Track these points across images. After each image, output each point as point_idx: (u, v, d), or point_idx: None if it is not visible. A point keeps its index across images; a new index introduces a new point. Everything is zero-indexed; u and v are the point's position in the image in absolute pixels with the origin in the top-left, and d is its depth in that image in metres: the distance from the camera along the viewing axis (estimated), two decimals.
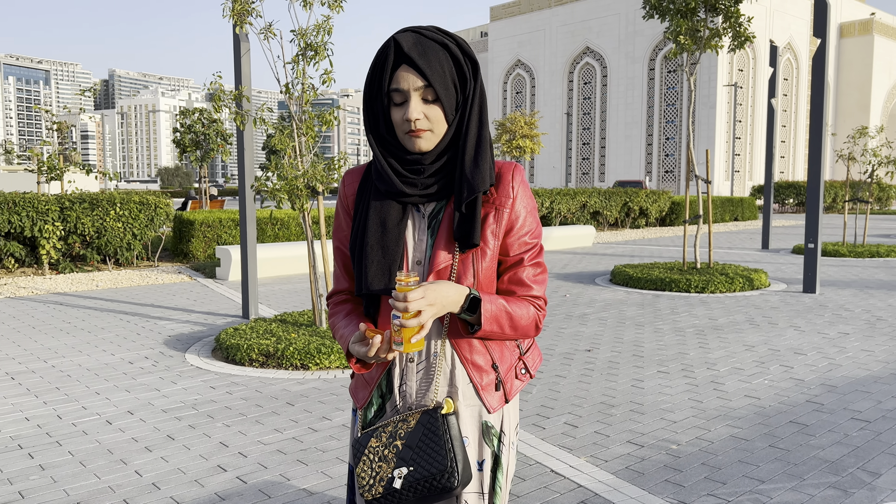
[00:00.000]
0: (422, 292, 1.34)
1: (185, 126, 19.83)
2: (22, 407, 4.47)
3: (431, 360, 1.51)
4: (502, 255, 1.54)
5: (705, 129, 53.44)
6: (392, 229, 1.49)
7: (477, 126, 1.47)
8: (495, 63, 70.22)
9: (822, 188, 8.71)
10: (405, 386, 1.53)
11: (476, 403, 1.54)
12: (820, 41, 8.54)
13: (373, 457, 1.47)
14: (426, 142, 1.44)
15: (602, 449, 3.71)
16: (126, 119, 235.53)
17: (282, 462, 3.55)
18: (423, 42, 1.40)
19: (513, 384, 1.58)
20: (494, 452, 1.56)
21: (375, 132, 1.50)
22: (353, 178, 1.61)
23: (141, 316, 7.59)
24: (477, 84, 1.47)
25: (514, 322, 1.49)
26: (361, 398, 1.60)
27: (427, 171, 1.47)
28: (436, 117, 1.43)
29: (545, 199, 18.84)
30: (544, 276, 1.57)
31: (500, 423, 1.57)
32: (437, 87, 1.40)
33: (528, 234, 1.53)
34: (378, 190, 1.51)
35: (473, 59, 1.47)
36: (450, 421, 1.46)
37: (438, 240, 1.49)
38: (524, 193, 1.54)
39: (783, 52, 59.18)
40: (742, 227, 23.27)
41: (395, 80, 1.41)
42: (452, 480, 1.41)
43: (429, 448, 1.43)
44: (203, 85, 7.43)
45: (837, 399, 4.54)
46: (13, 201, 10.38)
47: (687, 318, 7.36)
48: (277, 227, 13.54)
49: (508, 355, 1.58)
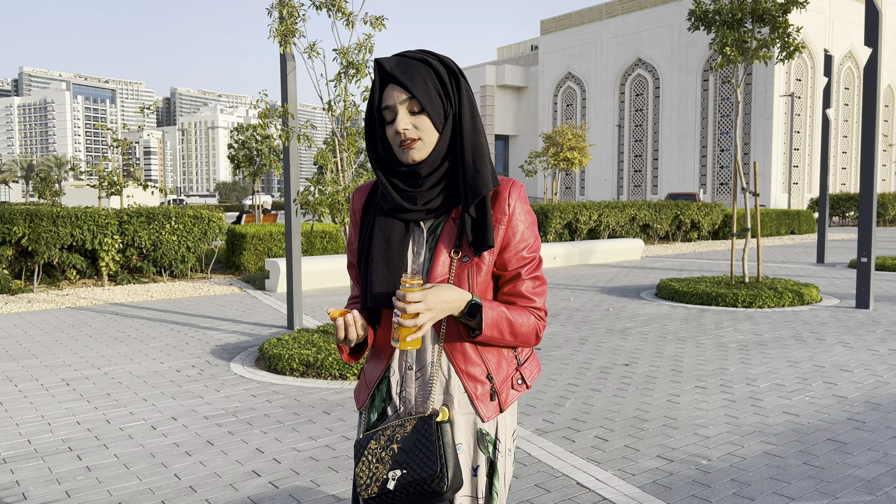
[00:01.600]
0: (421, 296, 1.43)
1: (239, 142, 20.41)
2: (74, 411, 4.70)
3: (428, 368, 1.58)
4: (500, 270, 1.60)
5: (762, 140, 52.21)
6: (396, 246, 1.57)
7: (471, 133, 1.54)
8: (546, 76, 70.07)
9: (875, 200, 8.46)
10: (404, 392, 1.61)
11: (471, 412, 1.59)
12: (872, 50, 8.33)
13: (371, 458, 1.55)
14: (418, 152, 1.52)
15: (630, 463, 3.70)
16: (186, 135, 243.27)
17: (314, 469, 3.65)
18: (404, 61, 1.51)
19: (508, 394, 1.63)
20: (490, 459, 1.62)
21: (375, 154, 1.59)
22: (361, 196, 1.71)
23: (191, 326, 7.86)
24: (462, 92, 1.54)
25: (514, 329, 1.56)
26: (361, 399, 1.69)
27: (426, 184, 1.54)
28: (424, 126, 1.51)
29: (593, 212, 18.71)
30: (544, 288, 1.63)
31: (495, 431, 1.63)
32: (421, 97, 1.49)
33: (525, 249, 1.59)
34: (383, 208, 1.60)
35: (455, 72, 1.55)
36: (443, 428, 1.53)
37: (436, 253, 1.56)
38: (521, 209, 1.59)
39: (844, 61, 57.48)
40: (798, 240, 22.64)
41: (383, 99, 1.52)
42: (441, 485, 1.48)
43: (421, 453, 1.50)
44: (250, 103, 7.69)
45: (881, 417, 4.42)
46: (75, 215, 10.88)
47: (731, 333, 7.24)
48: (326, 240, 13.81)
49: (505, 366, 1.63)
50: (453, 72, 1.55)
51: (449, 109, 1.54)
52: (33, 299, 9.87)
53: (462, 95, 1.54)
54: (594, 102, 65.86)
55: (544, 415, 4.55)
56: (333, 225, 14.03)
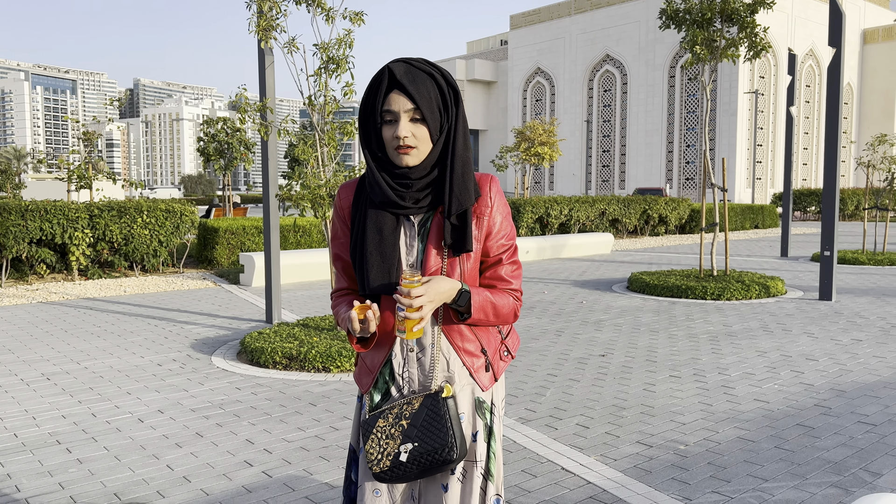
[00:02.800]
0: (424, 289, 1.58)
1: (209, 135, 20.21)
2: (58, 406, 4.70)
3: (429, 349, 1.73)
4: (483, 256, 1.78)
5: (726, 136, 53.17)
6: (388, 237, 1.71)
7: (462, 148, 1.70)
8: (515, 71, 70.37)
9: (838, 196, 8.76)
10: (407, 373, 1.75)
11: (469, 383, 1.77)
12: (835, 51, 8.61)
13: (381, 435, 1.68)
14: (412, 158, 1.65)
15: (612, 448, 3.85)
16: (150, 128, 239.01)
17: (305, 458, 3.73)
18: (412, 71, 1.62)
19: (499, 365, 1.82)
20: (487, 424, 1.79)
21: (369, 147, 1.71)
22: (348, 192, 1.82)
23: (168, 320, 7.84)
24: (459, 110, 1.69)
25: (497, 310, 1.74)
26: (365, 384, 1.82)
27: (415, 186, 1.68)
28: (422, 136, 1.64)
29: (564, 207, 18.95)
30: (520, 272, 1.82)
31: (490, 398, 1.81)
32: (424, 109, 1.62)
33: (504, 237, 1.78)
34: (373, 202, 1.72)
35: (456, 90, 1.69)
36: (449, 403, 1.69)
37: (429, 245, 1.71)
38: (500, 202, 1.77)
39: (805, 59, 58.74)
40: (762, 234, 23.18)
41: (387, 103, 1.63)
42: (452, 454, 1.65)
43: (431, 427, 1.66)
44: (228, 96, 7.69)
45: (845, 403, 4.64)
46: (45, 209, 10.72)
47: (701, 324, 7.46)
48: (300, 234, 13.79)
49: (493, 340, 1.82)
50: (454, 89, 1.68)
51: (445, 123, 1.67)
52: (2, 294, 9.72)
53: (459, 112, 1.68)
54: (563, 98, 66.34)
55: (526, 404, 4.68)
56: (310, 219, 14.02)
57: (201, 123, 20.83)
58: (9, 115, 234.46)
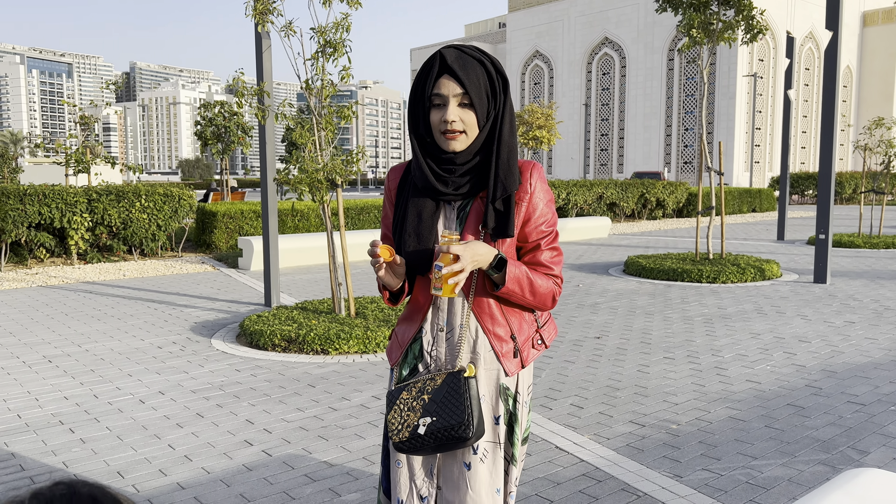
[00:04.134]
0: (462, 248, 1.61)
1: (206, 119, 20.17)
2: (60, 387, 4.76)
3: (457, 330, 1.77)
4: (522, 241, 1.80)
5: (725, 119, 53.06)
6: (426, 220, 1.75)
7: (509, 135, 1.73)
8: (513, 54, 70.04)
9: (833, 179, 8.81)
10: (435, 351, 1.79)
11: (495, 367, 1.79)
12: (832, 34, 8.62)
13: (403, 407, 1.74)
14: (459, 143, 1.69)
15: (605, 428, 3.92)
16: (147, 111, 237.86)
17: (304, 438, 3.80)
18: (463, 57, 1.66)
19: (529, 352, 1.83)
20: (509, 410, 1.82)
21: (416, 133, 1.74)
22: (396, 175, 1.88)
23: (167, 304, 7.90)
24: (507, 97, 1.72)
25: (533, 288, 1.75)
26: (394, 357, 1.88)
27: (458, 171, 1.71)
28: (469, 121, 1.67)
29: (561, 191, 18.98)
30: (560, 259, 1.83)
31: (515, 385, 1.83)
32: (473, 95, 1.65)
33: (544, 224, 1.79)
34: (416, 186, 1.77)
35: (504, 77, 1.72)
36: (470, 383, 1.72)
37: (467, 228, 1.75)
38: (541, 188, 1.79)
39: (805, 42, 58.49)
40: (759, 218, 23.23)
41: (437, 87, 1.66)
42: (467, 432, 1.68)
43: (450, 404, 1.69)
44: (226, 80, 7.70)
45: (836, 384, 4.71)
46: (43, 193, 10.74)
47: (696, 307, 7.53)
48: (297, 218, 13.83)
49: (526, 328, 1.83)
50: (503, 76, 1.71)
51: (492, 110, 1.70)
52: (2, 278, 9.77)
53: (507, 99, 1.71)
54: (561, 81, 66.08)
55: None
56: (309, 203, 14.04)
57: (198, 107, 20.77)
58: (5, 98, 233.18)
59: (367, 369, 5.16)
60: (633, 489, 3.14)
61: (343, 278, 9.22)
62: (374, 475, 3.31)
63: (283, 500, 3.06)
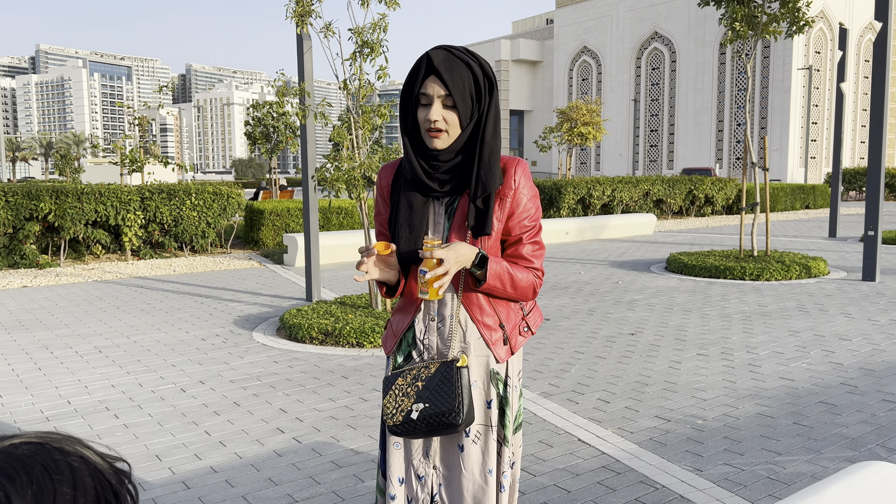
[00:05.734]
0: (445, 252, 1.70)
1: (255, 119, 20.64)
2: (108, 376, 5.01)
3: (448, 320, 1.87)
4: (505, 235, 1.88)
5: (779, 114, 51.67)
6: (417, 211, 1.85)
7: (492, 136, 1.81)
8: (561, 50, 69.51)
9: (882, 173, 8.56)
10: (427, 340, 1.89)
11: (485, 354, 1.88)
12: (881, 24, 8.38)
13: (398, 392, 1.84)
14: (441, 141, 1.77)
15: (630, 422, 3.95)
16: (202, 112, 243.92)
17: (333, 426, 3.93)
18: (450, 59, 1.74)
19: (517, 339, 1.92)
20: (500, 394, 1.91)
21: (406, 129, 1.84)
22: (388, 173, 1.98)
23: (213, 298, 8.17)
24: (492, 99, 1.79)
25: (514, 282, 1.84)
26: (389, 346, 1.98)
27: (442, 168, 1.80)
28: (452, 121, 1.76)
29: (606, 188, 18.81)
30: (541, 252, 1.91)
31: (505, 371, 1.92)
32: (456, 97, 1.74)
33: (527, 218, 1.87)
34: (407, 180, 1.87)
35: (491, 79, 1.80)
36: (462, 372, 1.81)
37: (454, 224, 1.85)
38: (525, 184, 1.87)
39: (864, 33, 56.54)
40: (812, 214, 22.61)
41: (423, 87, 1.76)
42: (457, 419, 1.77)
43: (442, 391, 1.79)
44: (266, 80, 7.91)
45: (873, 382, 4.62)
46: (99, 192, 11.20)
47: (736, 304, 7.43)
48: (342, 216, 14.07)
49: (513, 316, 1.92)
50: (489, 79, 1.79)
51: (476, 112, 1.78)
52: (61, 273, 10.23)
53: (491, 101, 1.79)
54: (609, 77, 65.31)
55: (550, 379, 4.80)
56: (349, 201, 14.27)
57: (248, 107, 21.27)
58: (68, 101, 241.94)
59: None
60: (651, 481, 3.17)
61: None
62: None
63: (309, 483, 3.18)
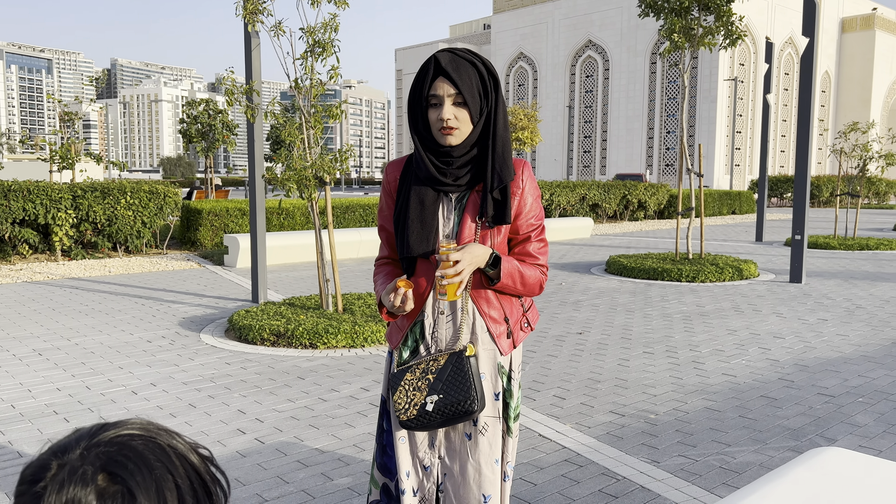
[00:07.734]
0: (461, 255, 1.79)
1: (191, 117, 20.15)
2: (52, 379, 4.84)
3: (457, 313, 1.94)
4: (513, 233, 1.98)
5: (706, 123, 53.68)
6: (429, 207, 1.92)
7: (503, 129, 1.90)
8: (498, 55, 70.34)
9: (808, 182, 9.05)
10: (436, 333, 1.95)
11: (492, 347, 1.97)
12: (808, 40, 8.85)
13: (408, 387, 1.89)
14: (454, 138, 1.85)
15: (586, 417, 4.07)
16: (128, 108, 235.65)
17: (295, 426, 3.91)
18: (456, 60, 1.82)
19: (518, 334, 2.02)
20: (504, 386, 2.01)
21: (416, 129, 1.90)
22: (396, 168, 2.04)
23: (154, 300, 7.96)
24: (499, 95, 1.89)
25: (524, 280, 1.94)
26: (395, 340, 2.03)
27: (456, 163, 1.88)
28: (463, 118, 1.84)
29: (545, 192, 19.18)
30: (546, 249, 2.02)
31: (508, 364, 2.02)
32: (466, 94, 1.82)
33: (533, 217, 1.98)
34: (418, 177, 1.93)
35: (495, 77, 1.89)
36: (472, 361, 1.89)
37: (464, 219, 1.92)
38: (531, 185, 1.98)
39: (784, 47, 59.33)
40: (739, 220, 23.59)
41: (433, 88, 1.83)
42: (473, 406, 1.85)
43: (456, 381, 1.86)
44: (210, 78, 7.77)
45: (808, 377, 4.90)
46: (28, 189, 10.74)
47: (676, 305, 7.72)
48: (283, 216, 13.89)
49: (516, 311, 2.02)
50: (493, 76, 1.88)
51: (485, 108, 1.86)
52: None
53: (498, 97, 1.88)
54: (545, 83, 66.47)
55: None
56: (295, 201, 14.11)
57: (183, 105, 20.73)
58: None
59: (356, 363, 5.28)
60: (612, 473, 3.29)
61: (331, 274, 9.34)
62: (364, 461, 3.44)
63: (278, 483, 3.17)
